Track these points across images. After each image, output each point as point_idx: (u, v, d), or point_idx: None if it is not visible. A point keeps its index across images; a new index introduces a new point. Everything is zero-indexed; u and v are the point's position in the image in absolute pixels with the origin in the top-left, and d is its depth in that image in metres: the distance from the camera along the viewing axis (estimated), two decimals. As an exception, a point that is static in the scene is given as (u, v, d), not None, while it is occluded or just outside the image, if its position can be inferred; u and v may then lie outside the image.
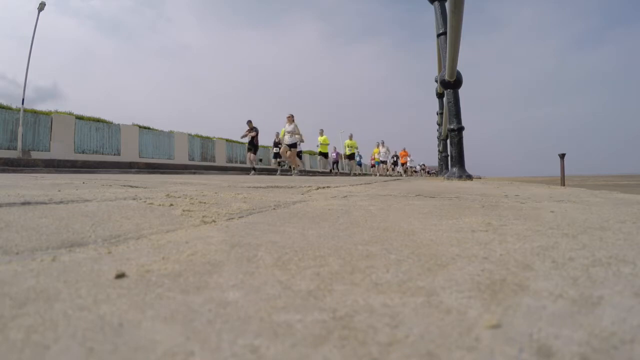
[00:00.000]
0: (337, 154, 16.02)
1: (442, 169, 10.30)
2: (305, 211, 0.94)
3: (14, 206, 0.80)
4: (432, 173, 33.83)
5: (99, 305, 0.30)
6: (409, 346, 0.24)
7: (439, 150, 11.25)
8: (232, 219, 0.79)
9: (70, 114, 11.28)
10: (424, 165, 37.51)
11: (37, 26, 9.03)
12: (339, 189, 1.92)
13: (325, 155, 12.38)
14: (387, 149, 15.17)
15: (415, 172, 33.65)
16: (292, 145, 9.18)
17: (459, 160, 4.37)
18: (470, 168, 4.38)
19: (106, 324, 0.27)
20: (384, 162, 15.23)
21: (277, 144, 10.56)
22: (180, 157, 14.10)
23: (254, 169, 9.46)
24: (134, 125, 12.71)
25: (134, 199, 1.03)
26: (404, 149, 19.33)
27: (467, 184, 3.19)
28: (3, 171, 4.82)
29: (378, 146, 15.34)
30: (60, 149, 10.13)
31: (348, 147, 13.30)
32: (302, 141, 9.22)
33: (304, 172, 12.50)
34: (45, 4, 9.12)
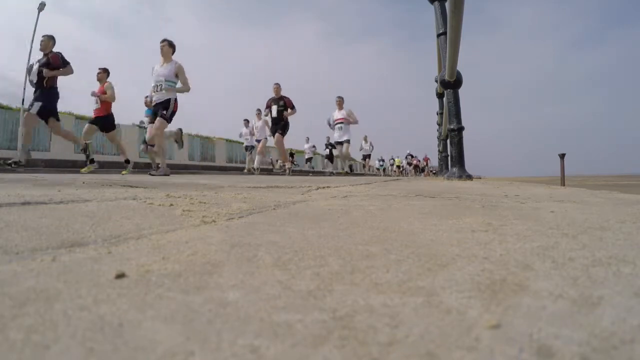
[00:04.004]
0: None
1: (442, 169, 10.30)
2: (306, 211, 0.94)
3: (14, 206, 0.80)
4: (432, 172, 23.16)
5: (99, 305, 0.30)
6: (409, 346, 0.24)
7: (439, 150, 11.23)
8: (232, 219, 0.79)
9: (70, 114, 11.28)
10: (412, 155, 23.77)
11: (37, 26, 9.02)
12: (339, 189, 1.92)
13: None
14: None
15: (401, 170, 22.95)
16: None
17: (459, 160, 4.36)
18: (470, 168, 4.38)
19: (106, 324, 0.27)
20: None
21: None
22: (180, 157, 14.09)
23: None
24: (134, 125, 12.70)
25: (134, 199, 1.03)
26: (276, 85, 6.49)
27: (467, 184, 3.19)
28: (3, 171, 4.81)
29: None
30: (60, 149, 10.13)
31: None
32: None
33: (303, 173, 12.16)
34: (45, 4, 9.12)
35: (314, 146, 14.69)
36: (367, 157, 14.01)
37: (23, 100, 8.97)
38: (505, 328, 0.26)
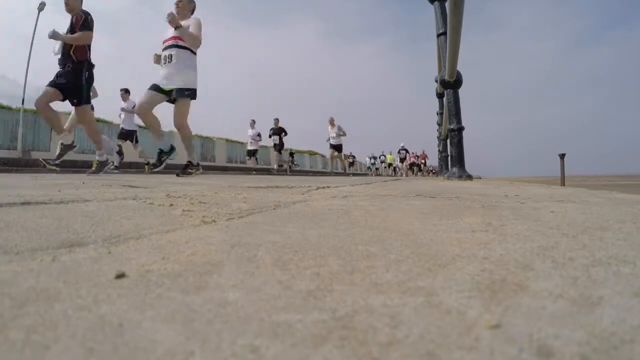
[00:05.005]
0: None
1: (442, 169, 10.30)
2: (305, 211, 0.94)
3: (14, 206, 0.80)
4: (432, 172, 22.76)
5: (99, 305, 0.30)
6: (409, 346, 0.24)
7: (439, 150, 11.24)
8: (232, 219, 0.79)
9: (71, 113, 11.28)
10: (405, 150, 18.72)
11: (37, 26, 9.02)
12: (339, 189, 1.92)
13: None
14: None
15: (394, 168, 19.79)
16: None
17: (459, 160, 4.37)
18: (470, 168, 4.38)
19: (106, 324, 0.27)
20: None
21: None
22: (181, 157, 14.06)
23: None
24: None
25: (134, 199, 1.03)
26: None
27: (467, 184, 3.19)
28: (3, 171, 4.82)
29: None
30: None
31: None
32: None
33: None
34: (45, 4, 9.10)
35: (259, 134, 10.49)
36: (336, 147, 10.21)
37: (23, 100, 8.96)
38: (505, 328, 0.26)
